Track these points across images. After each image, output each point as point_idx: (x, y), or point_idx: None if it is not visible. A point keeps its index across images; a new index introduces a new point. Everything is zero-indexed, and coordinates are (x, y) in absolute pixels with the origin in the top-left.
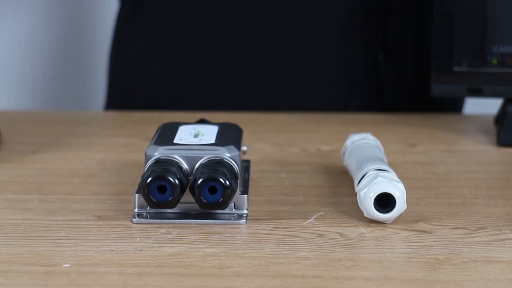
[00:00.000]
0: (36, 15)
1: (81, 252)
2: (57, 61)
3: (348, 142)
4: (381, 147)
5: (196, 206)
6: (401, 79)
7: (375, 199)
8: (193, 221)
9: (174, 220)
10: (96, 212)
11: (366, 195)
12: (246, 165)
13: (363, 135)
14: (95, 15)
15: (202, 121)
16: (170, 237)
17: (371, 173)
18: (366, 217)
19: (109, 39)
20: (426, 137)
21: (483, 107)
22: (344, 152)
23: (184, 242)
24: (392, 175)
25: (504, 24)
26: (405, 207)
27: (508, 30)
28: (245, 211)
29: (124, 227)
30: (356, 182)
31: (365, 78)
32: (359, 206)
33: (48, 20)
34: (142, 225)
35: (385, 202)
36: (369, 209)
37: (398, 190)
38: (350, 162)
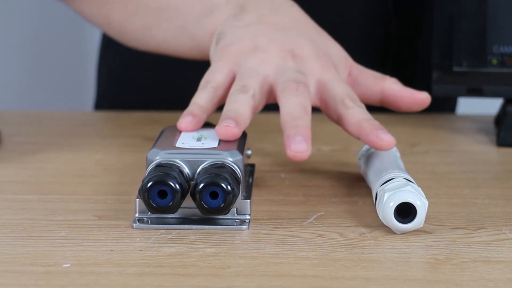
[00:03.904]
0: (36, 15)
1: (81, 252)
2: (55, 60)
3: None
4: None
5: (197, 211)
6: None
7: (397, 205)
8: (194, 226)
9: (175, 226)
10: (96, 212)
11: (389, 199)
12: (250, 169)
13: None
14: None
15: (206, 125)
16: (170, 237)
17: (401, 180)
18: (366, 217)
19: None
20: (426, 137)
21: (482, 107)
22: (366, 150)
23: (184, 242)
24: (421, 190)
25: (504, 24)
26: (421, 225)
27: (508, 30)
28: (248, 217)
29: (124, 227)
30: (379, 182)
31: None
32: (376, 205)
33: (47, 19)
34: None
35: (403, 213)
36: (387, 212)
37: (423, 206)
38: (372, 161)
